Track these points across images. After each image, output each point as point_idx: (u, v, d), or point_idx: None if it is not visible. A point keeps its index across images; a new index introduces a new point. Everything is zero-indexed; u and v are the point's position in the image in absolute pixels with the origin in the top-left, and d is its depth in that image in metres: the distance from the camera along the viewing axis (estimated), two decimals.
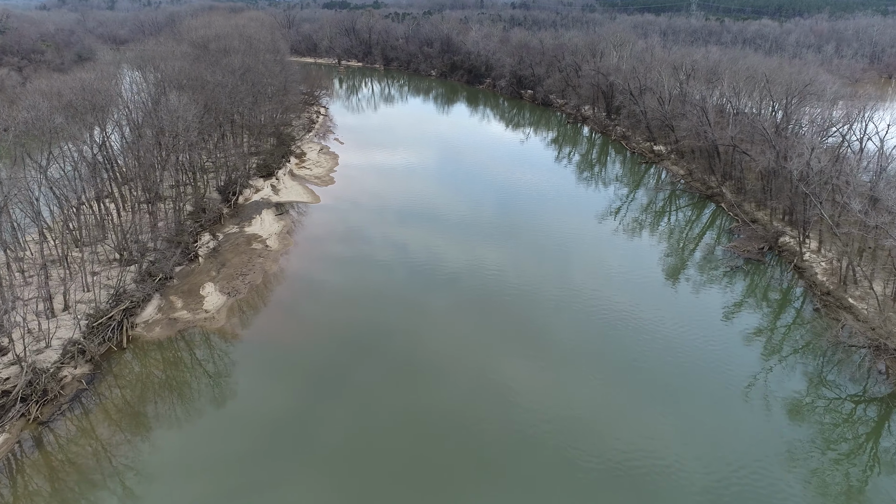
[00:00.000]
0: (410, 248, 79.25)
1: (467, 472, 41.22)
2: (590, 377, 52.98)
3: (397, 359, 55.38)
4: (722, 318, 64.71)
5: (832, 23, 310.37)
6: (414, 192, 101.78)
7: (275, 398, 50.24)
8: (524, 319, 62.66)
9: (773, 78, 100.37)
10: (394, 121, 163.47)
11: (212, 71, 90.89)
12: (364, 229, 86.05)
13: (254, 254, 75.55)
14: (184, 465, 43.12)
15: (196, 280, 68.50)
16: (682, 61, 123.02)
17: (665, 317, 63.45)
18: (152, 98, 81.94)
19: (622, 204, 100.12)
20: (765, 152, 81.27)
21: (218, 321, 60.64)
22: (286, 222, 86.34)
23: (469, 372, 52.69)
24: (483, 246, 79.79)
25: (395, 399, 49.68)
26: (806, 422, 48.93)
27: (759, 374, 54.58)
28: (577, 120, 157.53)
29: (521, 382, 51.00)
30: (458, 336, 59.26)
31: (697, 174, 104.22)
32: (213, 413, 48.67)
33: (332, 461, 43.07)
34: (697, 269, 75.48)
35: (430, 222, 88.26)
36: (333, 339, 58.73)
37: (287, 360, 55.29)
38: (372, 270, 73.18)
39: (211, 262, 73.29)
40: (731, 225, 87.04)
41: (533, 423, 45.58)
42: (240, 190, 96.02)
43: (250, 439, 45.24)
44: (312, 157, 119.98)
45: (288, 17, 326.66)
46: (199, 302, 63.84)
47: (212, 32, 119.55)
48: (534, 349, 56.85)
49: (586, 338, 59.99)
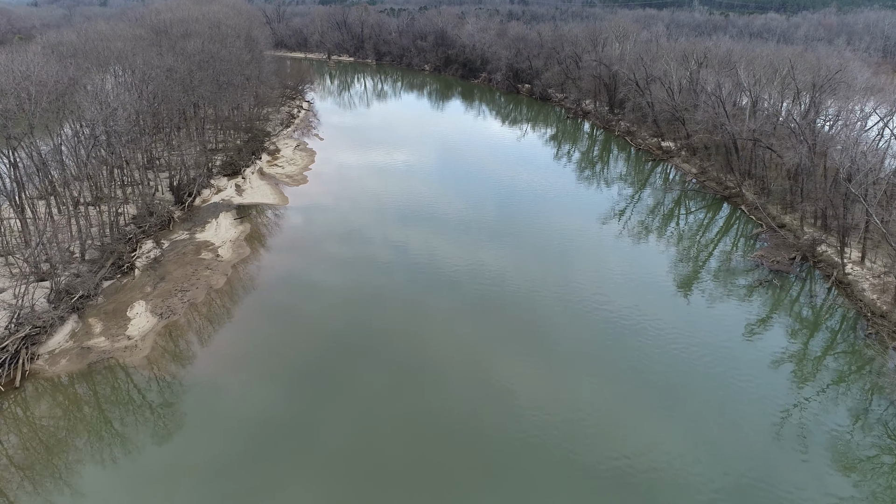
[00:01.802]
0: (383, 259, 68.43)
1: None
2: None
3: (364, 392, 44.69)
4: (744, 336, 54.78)
5: (841, 17, 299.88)
6: (397, 193, 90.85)
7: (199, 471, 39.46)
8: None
9: (796, 66, 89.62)
10: (382, 116, 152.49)
11: (161, 56, 79.78)
12: (332, 235, 75.08)
13: (201, 265, 64.66)
14: None
15: (125, 298, 57.62)
16: (693, 49, 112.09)
17: (677, 332, 53.91)
18: (68, 82, 68.24)
19: (627, 205, 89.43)
20: (795, 147, 70.35)
21: (140, 350, 49.75)
22: (245, 227, 75.41)
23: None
24: (472, 254, 68.97)
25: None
26: (855, 472, 38.91)
27: (792, 407, 45.01)
28: (577, 115, 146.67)
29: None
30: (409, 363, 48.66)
31: (712, 172, 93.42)
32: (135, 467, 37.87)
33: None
34: (716, 280, 64.70)
35: (412, 227, 77.42)
36: (285, 373, 47.94)
37: (223, 404, 44.38)
38: (336, 285, 62.37)
39: (149, 275, 62.41)
40: (754, 230, 76.19)
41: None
42: (197, 190, 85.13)
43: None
44: (287, 155, 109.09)
45: (278, 11, 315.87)
46: (122, 326, 52.96)
47: (176, 17, 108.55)
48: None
49: (592, 347, 50.22)
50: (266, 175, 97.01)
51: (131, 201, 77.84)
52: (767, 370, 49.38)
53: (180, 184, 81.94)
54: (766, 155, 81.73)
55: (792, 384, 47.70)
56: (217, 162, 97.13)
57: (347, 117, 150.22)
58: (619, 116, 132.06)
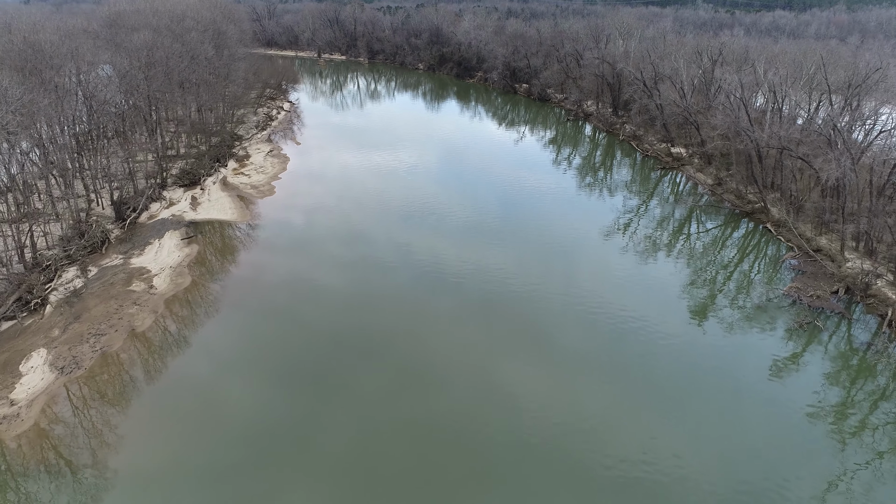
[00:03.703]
0: (342, 290, 57.88)
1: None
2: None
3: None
4: (771, 377, 45.66)
5: (852, 14, 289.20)
6: (375, 210, 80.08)
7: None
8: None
9: (827, 63, 78.95)
10: (370, 118, 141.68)
11: (97, 53, 69.29)
12: (291, 261, 64.27)
13: (128, 299, 54.13)
14: None
15: (23, 345, 47.12)
16: (707, 45, 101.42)
17: (689, 360, 45.66)
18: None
19: (632, 217, 79.27)
20: (837, 159, 59.61)
21: (22, 421, 39.25)
22: (191, 250, 64.89)
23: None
24: (433, 297, 58.57)
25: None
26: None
27: (838, 479, 35.44)
28: (578, 117, 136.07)
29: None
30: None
31: (730, 184, 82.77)
32: None
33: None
34: (741, 313, 54.08)
35: (386, 254, 66.95)
36: (218, 446, 37.58)
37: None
38: (292, 319, 51.93)
39: (62, 312, 51.86)
40: (785, 254, 65.55)
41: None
42: (144, 204, 74.65)
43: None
44: (257, 161, 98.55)
45: (269, 8, 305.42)
46: (8, 385, 42.44)
47: (133, 8, 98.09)
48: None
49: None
50: (229, 185, 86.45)
51: (63, 219, 67.40)
52: (801, 422, 39.31)
53: (122, 197, 71.46)
54: (795, 164, 71.12)
55: (837, 445, 37.60)
56: (174, 170, 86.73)
57: (332, 118, 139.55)
58: (623, 119, 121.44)
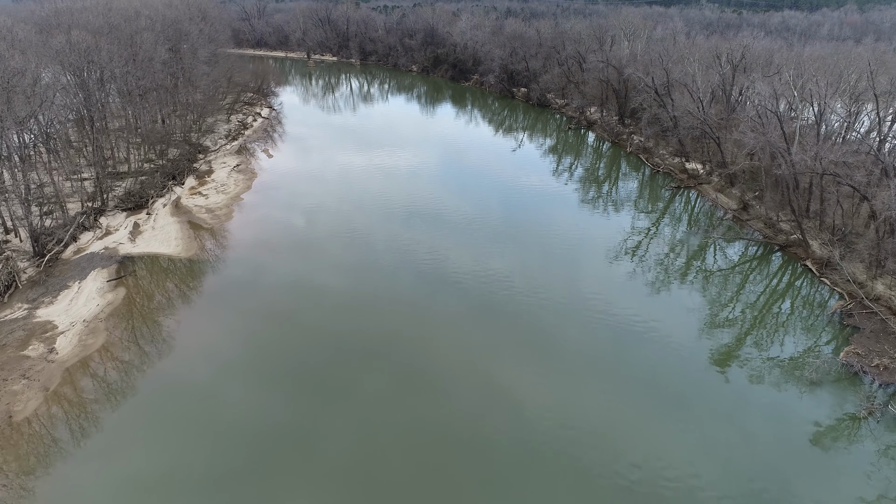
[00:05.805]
0: (292, 347, 46.92)
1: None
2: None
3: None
4: (811, 442, 37.20)
5: (865, 14, 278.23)
6: (344, 241, 69.24)
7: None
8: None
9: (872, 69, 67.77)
10: (355, 124, 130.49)
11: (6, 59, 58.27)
12: (242, 313, 53.00)
13: (18, 368, 43.03)
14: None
15: None
16: (727, 47, 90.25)
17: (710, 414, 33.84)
18: None
19: (642, 239, 68.86)
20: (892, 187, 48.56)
21: None
22: (117, 295, 53.78)
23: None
24: (412, 323, 47.75)
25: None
26: None
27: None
28: (580, 124, 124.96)
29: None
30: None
31: (758, 209, 71.72)
32: None
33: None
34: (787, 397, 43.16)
35: (345, 298, 55.97)
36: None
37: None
38: (237, 383, 40.99)
39: None
40: (836, 303, 54.34)
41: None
42: (73, 235, 63.62)
43: None
44: (219, 178, 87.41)
45: (258, 7, 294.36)
46: None
47: (75, 6, 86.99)
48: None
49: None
50: (181, 209, 75.35)
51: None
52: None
53: (42, 227, 60.39)
54: (842, 190, 60.04)
55: None
56: (119, 191, 75.74)
57: (313, 126, 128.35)
58: (630, 129, 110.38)
